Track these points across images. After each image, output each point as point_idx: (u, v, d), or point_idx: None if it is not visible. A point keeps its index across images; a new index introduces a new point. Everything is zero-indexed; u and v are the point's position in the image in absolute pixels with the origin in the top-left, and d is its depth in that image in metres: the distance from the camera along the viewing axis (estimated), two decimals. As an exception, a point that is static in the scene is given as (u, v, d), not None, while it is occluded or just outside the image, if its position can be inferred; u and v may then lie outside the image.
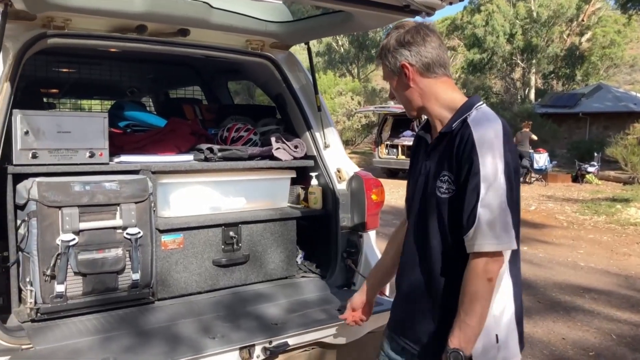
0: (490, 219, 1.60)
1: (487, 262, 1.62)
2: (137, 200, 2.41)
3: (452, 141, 1.71)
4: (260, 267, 2.84)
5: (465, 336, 1.63)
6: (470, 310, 1.63)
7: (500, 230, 1.61)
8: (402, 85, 1.81)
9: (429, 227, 1.78)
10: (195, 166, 2.64)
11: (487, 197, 1.61)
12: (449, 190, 1.71)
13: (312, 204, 3.03)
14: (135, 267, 2.41)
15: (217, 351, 2.09)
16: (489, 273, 1.62)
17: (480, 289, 1.62)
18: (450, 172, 1.71)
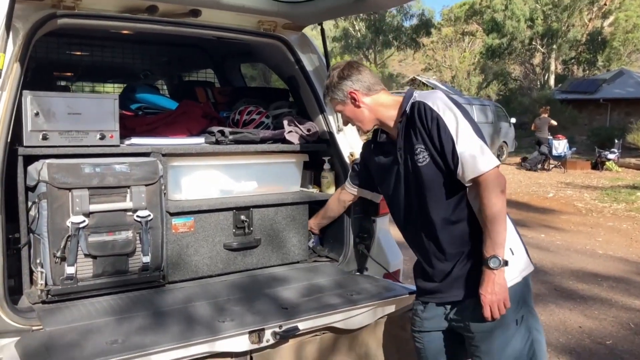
0: (472, 150, 1.97)
1: (492, 178, 1.95)
2: (147, 183, 2.39)
3: (412, 119, 2.09)
4: (272, 251, 2.81)
5: (497, 243, 1.95)
6: (494, 220, 1.94)
7: (483, 154, 1.96)
8: (353, 109, 2.25)
9: (424, 200, 2.12)
10: (207, 149, 2.62)
11: (460, 138, 1.98)
12: (424, 158, 2.07)
13: (325, 188, 2.99)
14: (145, 250, 2.39)
15: (227, 335, 2.06)
16: (500, 185, 1.96)
17: (496, 201, 1.94)
18: (421, 143, 2.07)
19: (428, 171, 2.08)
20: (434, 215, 2.12)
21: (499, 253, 1.95)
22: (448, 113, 2.01)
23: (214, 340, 2.05)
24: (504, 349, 2.08)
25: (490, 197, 1.95)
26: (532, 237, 7.78)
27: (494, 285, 1.97)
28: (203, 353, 2.04)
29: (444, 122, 2.00)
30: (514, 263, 2.05)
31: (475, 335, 2.11)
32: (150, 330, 2.05)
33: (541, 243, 7.45)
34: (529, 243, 7.22)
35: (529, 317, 2.12)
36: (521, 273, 2.09)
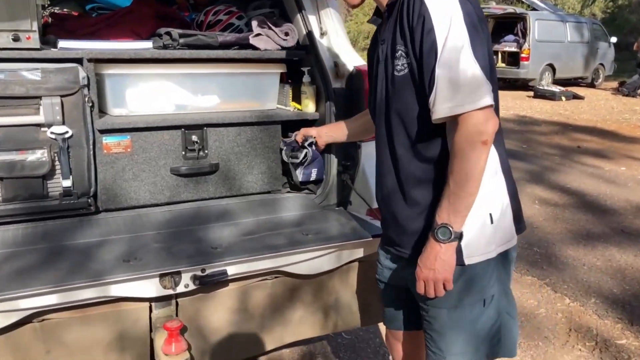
0: (454, 76, 1.38)
1: (472, 122, 1.37)
2: (64, 94, 2.01)
3: (401, 8, 1.49)
4: (233, 179, 2.39)
5: (455, 209, 1.44)
6: (461, 179, 1.41)
7: (471, 86, 1.37)
8: None
9: (392, 122, 1.60)
10: (143, 54, 2.17)
11: (446, 54, 1.38)
12: (404, 66, 1.50)
13: (304, 106, 2.49)
14: (65, 173, 2.05)
15: (124, 278, 1.70)
16: (482, 135, 1.37)
17: (471, 155, 1.38)
18: (403, 45, 1.49)
19: (402, 85, 1.52)
20: (399, 146, 1.60)
21: (454, 223, 1.45)
22: (441, 11, 1.39)
23: (107, 283, 1.70)
24: (461, 331, 1.58)
25: (464, 147, 1.39)
26: (609, 169, 6.88)
27: (436, 260, 1.48)
28: (94, 298, 1.71)
29: (431, 22, 1.39)
30: (489, 233, 1.54)
31: (429, 309, 1.62)
32: (33, 268, 1.72)
33: (619, 177, 6.55)
34: (604, 176, 6.44)
35: (502, 298, 1.61)
36: (497, 247, 1.56)
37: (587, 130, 9.57)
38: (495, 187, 1.55)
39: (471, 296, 1.56)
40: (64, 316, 1.75)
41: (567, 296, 3.63)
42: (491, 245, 1.54)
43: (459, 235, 1.45)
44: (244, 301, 2.01)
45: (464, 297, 1.56)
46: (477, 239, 1.52)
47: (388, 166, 1.66)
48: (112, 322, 1.81)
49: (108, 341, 1.82)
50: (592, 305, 3.50)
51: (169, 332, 1.79)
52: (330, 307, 2.18)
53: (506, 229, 1.58)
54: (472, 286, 1.55)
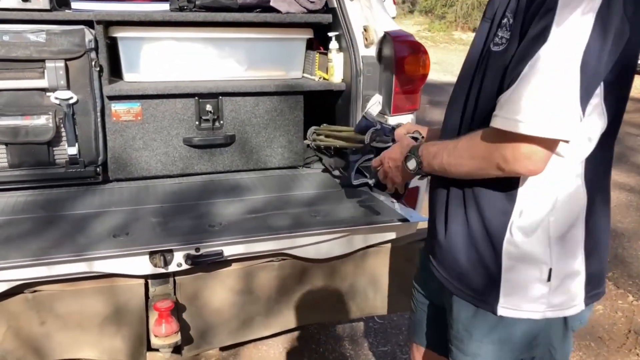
0: (539, 83, 0.98)
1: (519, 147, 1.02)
2: (68, 57, 1.92)
3: None
4: (250, 153, 2.25)
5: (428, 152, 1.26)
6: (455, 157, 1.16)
7: (551, 106, 0.98)
8: None
9: (469, 107, 1.22)
10: (155, 17, 2.05)
11: (551, 50, 0.98)
12: (502, 40, 1.12)
13: (330, 75, 2.30)
14: (70, 140, 1.98)
15: (105, 254, 1.61)
16: (507, 162, 1.05)
17: (476, 162, 1.11)
18: (512, 14, 1.09)
19: (494, 65, 1.14)
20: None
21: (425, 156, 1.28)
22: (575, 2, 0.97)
23: (93, 259, 1.61)
24: None
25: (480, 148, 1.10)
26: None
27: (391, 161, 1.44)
28: (78, 273, 1.63)
29: (555, 5, 0.98)
30: (540, 292, 1.19)
31: (454, 350, 1.35)
32: (19, 237, 1.66)
33: None
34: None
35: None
36: (547, 310, 1.20)
37: (680, 109, 8.73)
38: (573, 237, 1.19)
39: (502, 353, 1.27)
40: (55, 289, 1.69)
41: (631, 293, 3.27)
42: (539, 306, 1.20)
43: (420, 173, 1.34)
44: (248, 282, 1.88)
45: (493, 351, 1.27)
46: (521, 292, 1.20)
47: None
48: (105, 297, 1.74)
49: (103, 316, 1.75)
50: (659, 305, 3.14)
51: (159, 312, 1.69)
52: (343, 293, 2.01)
53: (570, 292, 1.22)
54: (505, 343, 1.26)
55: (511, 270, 1.17)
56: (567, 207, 1.15)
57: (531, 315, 1.20)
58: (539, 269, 1.18)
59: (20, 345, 1.74)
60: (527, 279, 1.18)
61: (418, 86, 2.20)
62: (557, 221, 1.14)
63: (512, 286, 1.19)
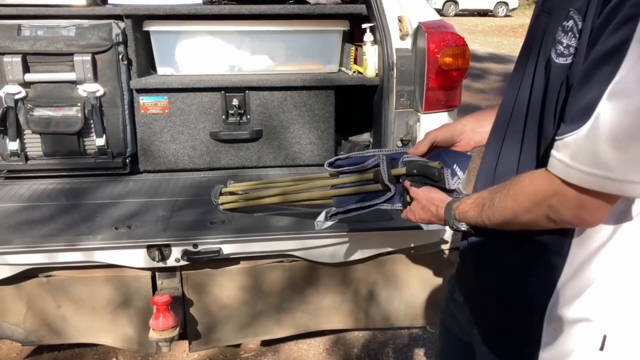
0: (621, 124, 0.73)
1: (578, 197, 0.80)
2: (95, 51, 1.98)
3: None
4: (278, 148, 2.20)
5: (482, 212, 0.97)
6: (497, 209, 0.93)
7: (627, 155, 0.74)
8: None
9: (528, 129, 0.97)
10: (180, 10, 2.04)
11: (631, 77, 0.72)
12: (569, 50, 0.84)
13: (364, 69, 2.18)
14: (98, 131, 2.04)
15: (104, 245, 1.63)
16: (561, 210, 0.83)
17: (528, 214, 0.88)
18: (581, 16, 0.81)
19: (557, 80, 0.88)
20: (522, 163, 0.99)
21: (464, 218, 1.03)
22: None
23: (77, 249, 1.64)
24: None
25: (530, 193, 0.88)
26: None
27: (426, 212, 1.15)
28: (78, 262, 1.67)
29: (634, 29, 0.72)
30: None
31: None
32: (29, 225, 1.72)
33: None
34: None
35: None
36: None
37: None
38: (628, 299, 0.96)
39: None
40: (68, 274, 1.75)
41: None
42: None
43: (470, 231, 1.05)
44: (257, 281, 1.83)
45: None
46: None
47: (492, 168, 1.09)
48: (115, 287, 1.77)
49: (114, 304, 1.79)
50: None
51: (157, 306, 1.69)
52: (359, 300, 1.90)
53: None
54: None
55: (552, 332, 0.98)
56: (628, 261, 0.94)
57: None
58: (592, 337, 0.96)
59: (40, 325, 1.82)
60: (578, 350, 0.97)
61: (456, 81, 2.02)
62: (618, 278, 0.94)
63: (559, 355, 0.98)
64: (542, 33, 0.96)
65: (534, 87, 0.96)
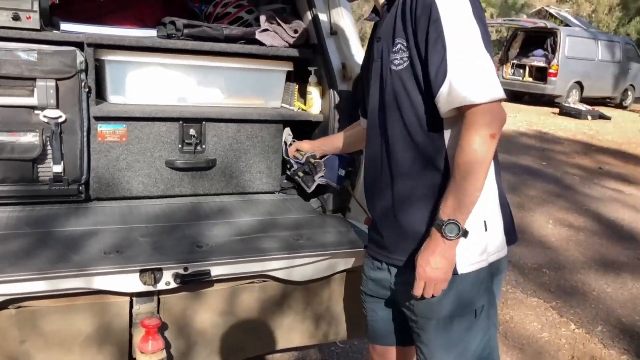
0: (468, 67, 1.32)
1: (483, 113, 1.31)
2: (59, 77, 1.96)
3: (403, 1, 1.43)
4: (230, 177, 2.33)
5: (462, 205, 1.36)
6: (469, 172, 1.33)
7: (485, 77, 1.32)
8: None
9: (391, 124, 1.52)
10: (144, 42, 2.12)
11: (457, 44, 1.33)
12: (403, 60, 1.44)
13: (309, 106, 2.42)
14: (56, 158, 2.01)
15: (102, 270, 1.65)
16: (491, 127, 1.32)
17: (481, 147, 1.32)
18: (404, 38, 1.43)
19: (401, 80, 1.46)
20: (396, 142, 1.52)
21: (461, 219, 1.37)
22: (450, 3, 1.35)
23: (87, 275, 1.64)
24: (453, 345, 1.50)
25: (474, 139, 1.32)
26: (630, 193, 6.69)
27: (441, 258, 1.39)
28: (70, 289, 1.66)
29: (437, 12, 1.34)
30: (483, 242, 1.48)
31: (419, 320, 1.54)
32: (14, 254, 1.67)
33: (638, 202, 6.36)
34: (624, 201, 6.26)
35: (491, 308, 1.53)
36: (489, 257, 1.50)
37: (610, 152, 9.35)
38: (490, 192, 1.49)
39: (463, 307, 1.49)
40: (41, 305, 1.70)
41: (573, 322, 3.50)
42: (483, 255, 1.48)
43: (465, 233, 1.38)
44: (230, 303, 1.94)
45: (456, 307, 1.48)
46: (472, 248, 1.46)
47: (384, 166, 1.57)
48: (91, 315, 1.76)
49: (87, 334, 1.76)
50: (599, 333, 3.37)
51: (146, 329, 1.73)
52: (320, 316, 2.09)
53: (498, 238, 1.52)
54: (465, 296, 1.48)
55: None
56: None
57: (481, 264, 1.47)
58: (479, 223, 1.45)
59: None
60: (473, 235, 1.42)
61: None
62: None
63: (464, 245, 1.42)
64: (380, 55, 1.51)
65: (386, 88, 1.50)
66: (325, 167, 2.16)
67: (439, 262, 1.39)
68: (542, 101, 15.04)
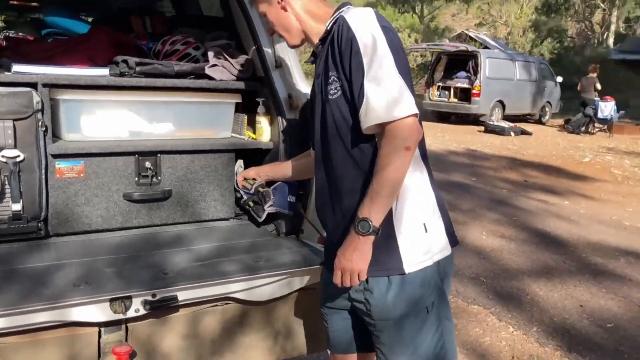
0: (382, 89, 1.53)
1: (398, 129, 1.51)
2: (17, 117, 2.02)
3: (332, 40, 1.66)
4: (186, 206, 2.42)
5: (376, 206, 1.55)
6: (383, 181, 1.53)
7: (397, 96, 1.51)
8: (278, 12, 1.79)
9: (334, 147, 1.70)
10: (100, 81, 2.20)
11: (373, 71, 1.54)
12: (337, 89, 1.64)
13: (258, 135, 2.56)
14: (15, 196, 2.05)
15: (75, 302, 1.71)
16: (405, 141, 1.51)
17: (394, 158, 1.52)
18: (335, 70, 1.64)
19: (338, 107, 1.66)
20: (341, 168, 1.70)
21: (374, 218, 1.56)
22: (367, 35, 1.56)
23: (60, 307, 1.70)
24: (410, 341, 1.67)
25: (388, 153, 1.52)
26: (554, 203, 7.17)
27: (354, 251, 1.60)
28: (42, 322, 1.70)
29: (357, 44, 1.56)
30: (425, 242, 1.68)
31: (377, 322, 1.69)
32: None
33: (562, 211, 6.83)
34: (549, 210, 6.71)
35: (441, 304, 1.72)
36: (434, 256, 1.69)
37: (534, 166, 9.95)
38: (426, 198, 1.70)
39: (414, 305, 1.66)
40: (10, 341, 1.73)
41: (511, 325, 3.75)
42: (428, 254, 1.67)
43: (376, 230, 1.56)
44: (195, 327, 2.02)
45: (408, 306, 1.65)
46: (415, 248, 1.65)
47: (332, 187, 1.75)
48: (60, 348, 1.80)
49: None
50: (535, 333, 3.63)
51: (118, 356, 1.79)
52: (279, 333, 2.20)
53: (440, 238, 1.72)
54: (415, 295, 1.65)
55: (402, 234, 1.63)
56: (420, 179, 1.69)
57: (426, 263, 1.66)
58: (418, 226, 1.65)
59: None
60: (414, 237, 1.64)
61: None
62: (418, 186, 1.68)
63: (407, 247, 1.63)
64: (320, 89, 1.72)
65: (327, 116, 1.69)
66: (274, 194, 2.30)
67: (352, 254, 1.58)
68: (468, 120, 15.79)
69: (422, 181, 1.70)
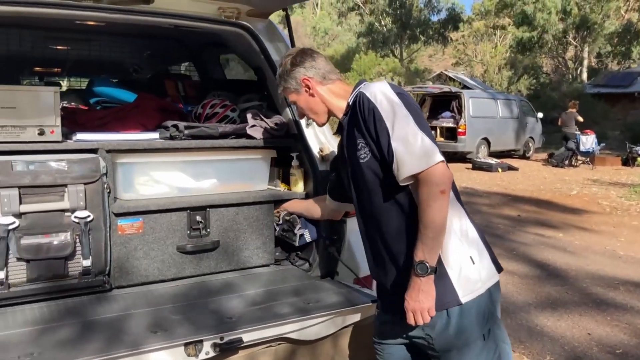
0: (408, 145, 1.74)
1: (429, 177, 1.71)
2: (87, 181, 2.24)
3: (354, 112, 1.91)
4: (232, 255, 2.63)
5: (427, 248, 1.75)
6: (429, 224, 1.73)
7: (422, 148, 1.73)
8: (307, 99, 2.08)
9: (373, 202, 1.93)
10: (155, 144, 2.44)
11: (396, 131, 1.77)
12: (367, 154, 1.88)
13: (293, 186, 2.79)
14: (85, 253, 2.24)
15: (157, 347, 1.89)
16: (439, 185, 1.71)
17: (433, 203, 1.72)
18: (362, 137, 1.88)
19: (370, 168, 1.89)
20: (384, 219, 1.93)
21: (429, 259, 1.76)
22: (385, 103, 1.82)
23: (143, 352, 1.88)
24: None
25: (427, 198, 1.73)
26: (549, 236, 7.43)
27: (419, 292, 1.79)
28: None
29: (379, 112, 1.81)
30: (475, 273, 1.87)
31: (440, 354, 1.90)
32: (72, 342, 1.89)
33: (558, 243, 7.10)
34: (546, 243, 6.97)
35: (496, 329, 1.92)
36: (484, 284, 1.89)
37: (525, 200, 10.27)
38: (468, 233, 1.90)
39: (473, 333, 1.86)
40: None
41: (525, 355, 3.94)
42: (478, 283, 1.86)
43: (434, 270, 1.76)
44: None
45: (468, 335, 1.85)
46: (467, 280, 1.84)
47: (381, 240, 1.96)
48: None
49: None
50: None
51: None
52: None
53: (487, 267, 1.91)
54: (472, 322, 1.85)
55: (452, 269, 1.83)
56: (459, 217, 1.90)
57: (479, 292, 1.84)
58: (466, 259, 1.85)
59: None
60: (464, 270, 1.83)
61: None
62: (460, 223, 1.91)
63: (459, 279, 1.82)
64: (350, 156, 1.96)
65: (360, 177, 1.93)
66: (300, 221, 2.63)
67: (418, 295, 1.78)
68: (455, 158, 16.18)
69: (461, 218, 1.90)
